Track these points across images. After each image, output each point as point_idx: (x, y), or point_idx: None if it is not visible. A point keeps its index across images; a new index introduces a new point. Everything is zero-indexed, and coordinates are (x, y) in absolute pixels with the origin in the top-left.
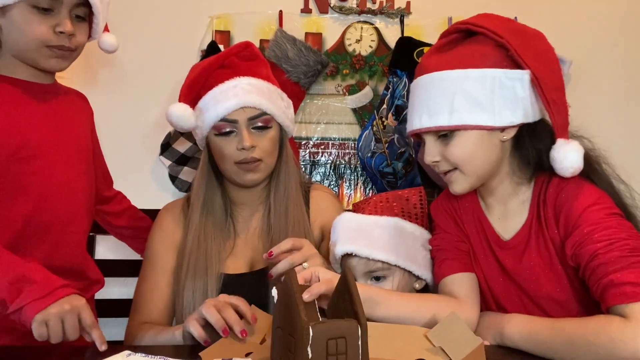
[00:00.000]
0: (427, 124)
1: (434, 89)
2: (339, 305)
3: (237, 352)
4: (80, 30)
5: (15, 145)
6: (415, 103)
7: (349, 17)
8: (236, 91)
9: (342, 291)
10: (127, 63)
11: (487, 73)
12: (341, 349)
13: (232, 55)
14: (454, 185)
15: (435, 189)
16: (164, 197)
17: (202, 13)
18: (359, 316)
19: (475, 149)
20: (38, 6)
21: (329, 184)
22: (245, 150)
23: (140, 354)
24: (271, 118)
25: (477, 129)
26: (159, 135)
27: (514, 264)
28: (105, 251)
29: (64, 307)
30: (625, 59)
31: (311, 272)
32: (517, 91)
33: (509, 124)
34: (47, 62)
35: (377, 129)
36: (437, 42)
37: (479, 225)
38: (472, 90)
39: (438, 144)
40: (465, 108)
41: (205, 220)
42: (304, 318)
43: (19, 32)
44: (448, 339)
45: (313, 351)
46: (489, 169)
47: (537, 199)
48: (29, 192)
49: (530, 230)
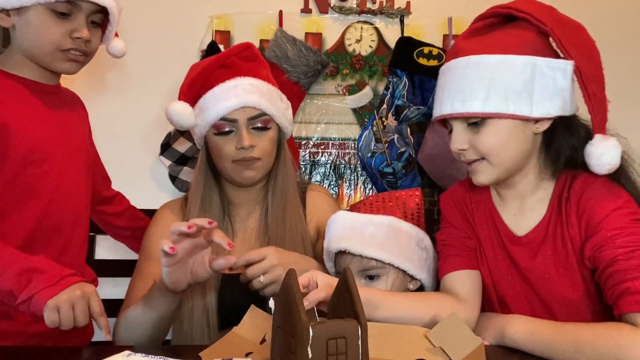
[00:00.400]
0: (459, 109)
1: (469, 72)
2: (339, 305)
3: (237, 352)
4: (95, 36)
5: (27, 148)
6: (446, 87)
7: (349, 17)
8: (237, 91)
9: (342, 291)
10: (127, 63)
11: (528, 60)
12: (341, 349)
13: (233, 56)
14: (478, 175)
15: (436, 189)
16: (164, 197)
17: (202, 13)
18: (359, 316)
19: (507, 140)
20: (56, 10)
21: (329, 184)
22: (244, 150)
23: (140, 354)
24: (270, 119)
25: (512, 118)
26: (159, 135)
27: (527, 260)
28: (104, 251)
29: (76, 293)
30: (625, 59)
31: (309, 277)
32: (557, 81)
33: (545, 115)
34: (61, 65)
35: (377, 129)
36: (472, 24)
37: (490, 220)
38: (510, 77)
39: (467, 131)
40: (502, 95)
41: (206, 211)
42: (304, 318)
43: (34, 35)
44: (448, 339)
45: (313, 351)
46: (518, 162)
47: (560, 196)
48: (40, 195)
49: (548, 227)
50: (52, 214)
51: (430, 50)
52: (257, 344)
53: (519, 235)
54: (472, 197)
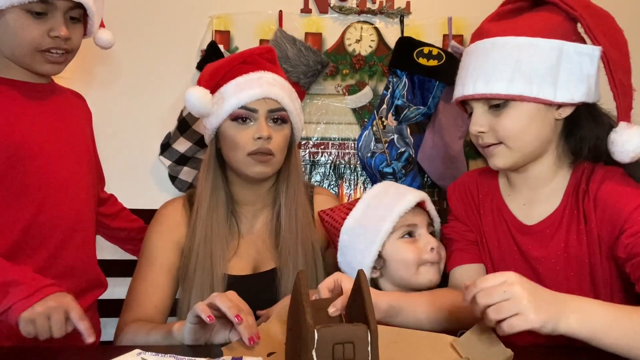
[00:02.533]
0: (481, 90)
1: (495, 54)
2: (354, 310)
3: (260, 350)
4: (75, 32)
5: (14, 147)
6: (470, 68)
7: (348, 17)
8: (260, 82)
9: (356, 295)
10: (128, 63)
11: (555, 44)
12: (348, 355)
13: (256, 54)
14: (495, 159)
15: (435, 188)
16: (164, 197)
17: (202, 13)
18: (369, 321)
19: (528, 124)
20: (32, 11)
21: (329, 184)
22: (261, 140)
23: (150, 353)
24: (288, 116)
25: (535, 101)
26: (159, 135)
27: (538, 250)
28: (107, 251)
29: (49, 304)
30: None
31: (334, 280)
32: (584, 67)
33: (569, 100)
34: (42, 66)
35: (377, 129)
36: (499, 8)
37: (497, 211)
38: (537, 60)
39: (488, 114)
40: (526, 78)
41: (210, 217)
42: (309, 321)
43: (12, 37)
44: (475, 349)
45: (318, 355)
46: (536, 147)
47: (576, 187)
48: (32, 193)
49: (562, 219)
50: (47, 211)
51: (430, 50)
52: (282, 344)
53: (529, 225)
54: (480, 188)
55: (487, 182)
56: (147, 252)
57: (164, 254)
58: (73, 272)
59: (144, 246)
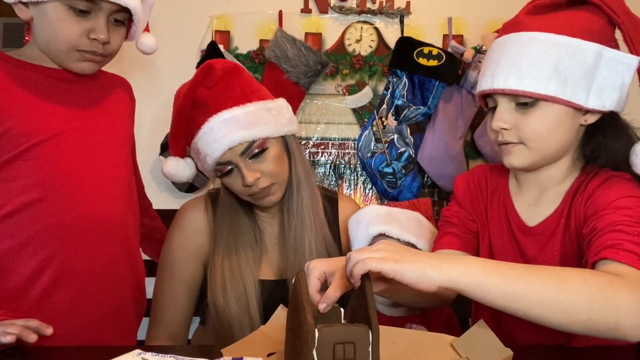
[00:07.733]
0: (514, 85)
1: (531, 49)
2: (356, 310)
3: (260, 351)
4: (116, 36)
5: (24, 133)
6: (501, 60)
7: (348, 17)
8: (215, 135)
9: (359, 295)
10: (128, 63)
11: (595, 48)
12: (349, 355)
13: (199, 86)
14: (512, 157)
15: (435, 188)
16: (164, 197)
17: (202, 13)
18: (371, 321)
19: (555, 127)
20: (75, 7)
21: (329, 184)
22: (250, 187)
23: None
24: (264, 140)
25: (566, 104)
26: (159, 135)
27: (536, 251)
28: None
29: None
30: None
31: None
32: (620, 76)
33: (599, 107)
34: (77, 64)
35: (377, 129)
36: (535, 1)
37: (503, 208)
38: (575, 62)
39: (514, 111)
40: (562, 79)
41: (234, 220)
42: (309, 320)
43: (50, 30)
44: (475, 348)
45: (319, 355)
46: (557, 151)
47: (576, 189)
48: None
49: (560, 219)
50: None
51: (430, 50)
52: (281, 344)
53: (530, 226)
54: (490, 183)
55: (497, 179)
56: (168, 263)
57: (184, 268)
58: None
59: (164, 255)
